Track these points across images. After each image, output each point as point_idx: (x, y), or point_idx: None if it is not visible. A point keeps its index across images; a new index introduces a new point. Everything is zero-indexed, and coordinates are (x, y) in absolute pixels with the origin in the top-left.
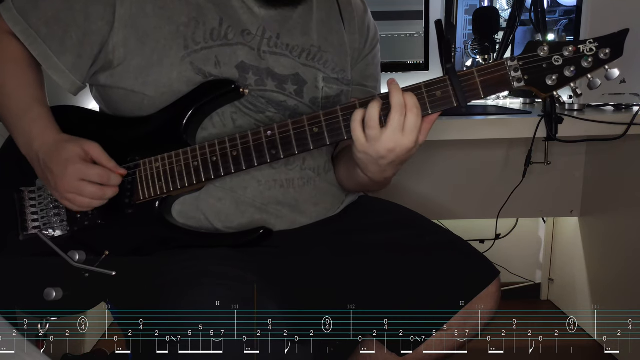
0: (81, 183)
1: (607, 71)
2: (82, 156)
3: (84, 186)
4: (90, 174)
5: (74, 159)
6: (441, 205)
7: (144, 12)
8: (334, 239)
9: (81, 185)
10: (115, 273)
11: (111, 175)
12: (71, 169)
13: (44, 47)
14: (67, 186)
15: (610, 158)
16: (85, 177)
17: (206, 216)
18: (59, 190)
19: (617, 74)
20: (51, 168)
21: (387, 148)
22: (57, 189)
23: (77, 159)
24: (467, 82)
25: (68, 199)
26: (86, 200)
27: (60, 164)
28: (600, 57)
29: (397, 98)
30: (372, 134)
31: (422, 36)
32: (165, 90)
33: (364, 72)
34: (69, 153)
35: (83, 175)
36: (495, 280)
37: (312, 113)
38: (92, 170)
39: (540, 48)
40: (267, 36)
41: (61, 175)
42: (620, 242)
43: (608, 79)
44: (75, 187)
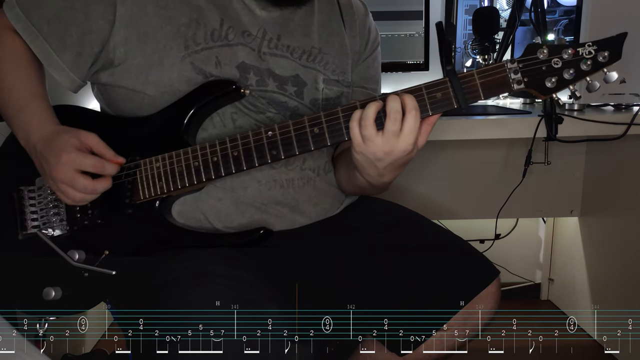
0: (74, 174)
1: (605, 74)
2: (77, 145)
3: (76, 178)
4: (84, 163)
5: (68, 148)
6: (441, 205)
7: (145, 12)
8: (334, 239)
9: (74, 176)
10: (115, 273)
11: (106, 165)
12: (65, 158)
13: (45, 45)
14: (60, 175)
15: (610, 158)
16: (79, 166)
17: (206, 216)
18: (53, 179)
19: (615, 76)
20: (46, 157)
21: (384, 151)
22: (52, 179)
23: (71, 149)
24: (467, 84)
25: (61, 190)
26: (78, 195)
27: (55, 153)
28: (599, 60)
29: (392, 104)
30: (367, 134)
31: (422, 36)
32: (165, 90)
33: (364, 74)
34: (65, 142)
35: (77, 164)
36: (495, 280)
37: (313, 114)
38: (86, 160)
39: (539, 51)
40: (267, 37)
41: (55, 164)
42: (620, 242)
43: (607, 82)
44: (68, 177)
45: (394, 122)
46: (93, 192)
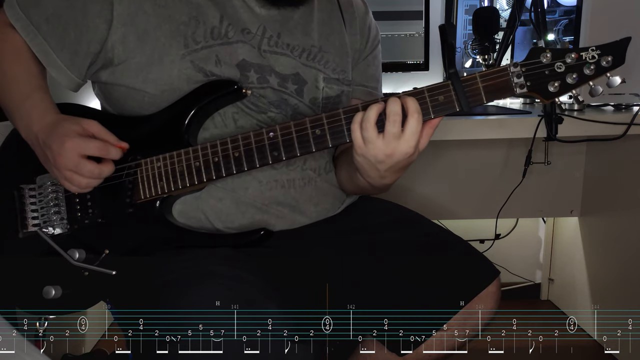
0: (80, 160)
1: (608, 79)
2: (79, 132)
3: (82, 164)
4: (88, 147)
5: (71, 134)
6: (441, 205)
7: (143, 10)
8: (334, 239)
9: (80, 162)
10: (115, 272)
11: (110, 148)
12: (69, 144)
13: (44, 44)
14: (66, 162)
15: (610, 158)
16: (84, 150)
17: (207, 216)
18: (57, 167)
19: (618, 81)
20: (50, 145)
21: (385, 153)
22: (56, 166)
23: (74, 134)
24: (469, 87)
25: (67, 178)
26: (84, 180)
27: (58, 140)
28: (602, 64)
29: (392, 107)
30: (367, 136)
31: (422, 36)
32: (166, 88)
33: (364, 72)
34: (67, 129)
35: (81, 149)
36: (495, 280)
37: (315, 115)
38: (90, 144)
39: (543, 55)
40: (267, 35)
41: (59, 150)
42: (620, 242)
43: (609, 87)
44: (74, 163)
45: (393, 125)
46: (99, 177)
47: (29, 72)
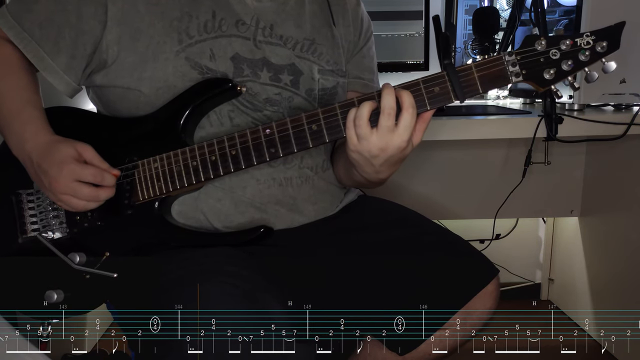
0: (76, 184)
1: (604, 64)
2: (75, 157)
3: (79, 188)
4: (84, 174)
5: (67, 159)
6: (441, 205)
7: (136, 9)
8: (333, 239)
9: (76, 186)
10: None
11: (105, 175)
12: (66, 170)
13: (38, 49)
14: (62, 187)
15: (610, 158)
16: (80, 177)
17: (206, 216)
18: (53, 191)
19: (614, 66)
20: (45, 169)
21: (379, 147)
22: (52, 191)
23: (70, 160)
24: (465, 77)
25: (63, 201)
26: (81, 203)
27: (55, 166)
28: (597, 50)
29: (387, 101)
30: (361, 133)
31: (422, 36)
32: (160, 86)
33: (360, 64)
34: (63, 154)
35: (77, 176)
36: (494, 279)
37: (311, 111)
38: (86, 171)
39: (537, 42)
40: (261, 26)
41: (56, 176)
42: (620, 242)
43: (605, 72)
44: (70, 188)
45: (387, 118)
46: (96, 200)
47: (20, 86)
